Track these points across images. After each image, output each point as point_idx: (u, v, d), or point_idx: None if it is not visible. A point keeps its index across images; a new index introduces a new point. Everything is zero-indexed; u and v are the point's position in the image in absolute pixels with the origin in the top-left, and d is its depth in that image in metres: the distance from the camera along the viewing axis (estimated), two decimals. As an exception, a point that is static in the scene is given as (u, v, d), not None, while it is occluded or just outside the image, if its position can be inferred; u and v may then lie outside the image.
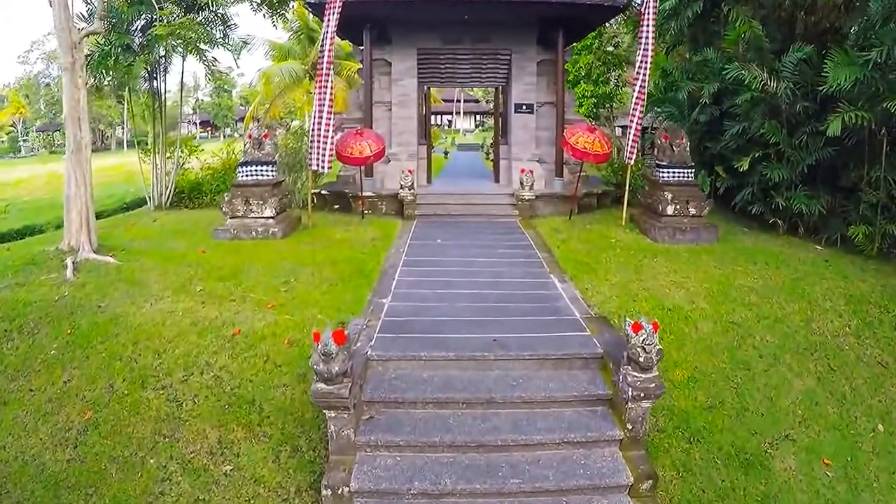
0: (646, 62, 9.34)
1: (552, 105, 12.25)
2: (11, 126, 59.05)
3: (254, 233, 9.01)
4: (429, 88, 14.49)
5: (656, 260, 7.95)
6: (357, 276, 7.16)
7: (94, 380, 5.33)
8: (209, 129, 67.61)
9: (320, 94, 9.21)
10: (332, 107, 9.35)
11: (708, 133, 11.39)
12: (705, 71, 10.94)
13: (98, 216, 13.45)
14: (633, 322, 4.21)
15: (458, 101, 54.75)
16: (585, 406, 4.65)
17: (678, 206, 9.23)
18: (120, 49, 10.68)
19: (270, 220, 9.16)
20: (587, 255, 8.17)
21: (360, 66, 12.29)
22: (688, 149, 9.72)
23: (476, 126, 60.19)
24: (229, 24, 12.60)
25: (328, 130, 9.28)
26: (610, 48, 22.88)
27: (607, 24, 18.57)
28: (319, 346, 3.91)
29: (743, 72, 9.16)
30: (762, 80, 8.96)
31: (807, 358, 6.00)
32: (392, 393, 4.60)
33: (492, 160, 18.89)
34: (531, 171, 11.12)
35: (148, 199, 12.68)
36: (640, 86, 9.42)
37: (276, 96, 22.87)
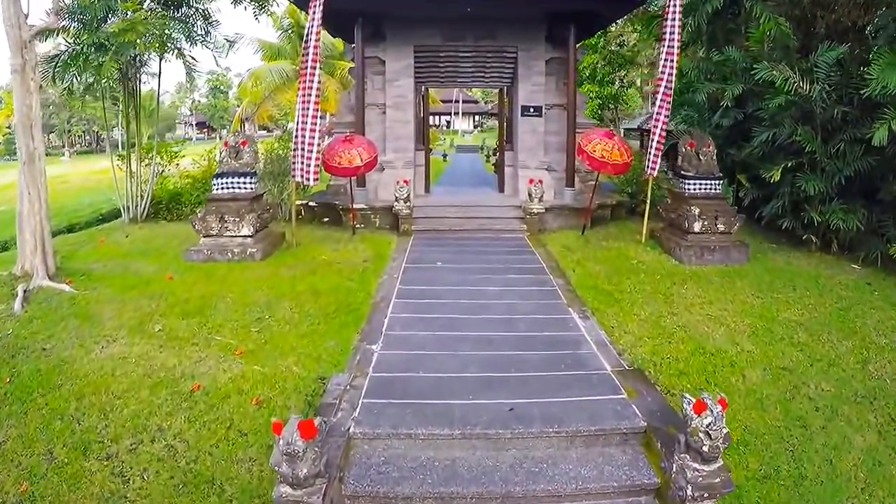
0: (672, 59, 8.33)
1: (562, 108, 11.30)
2: (8, 128, 57.90)
3: (230, 254, 7.98)
4: (427, 89, 13.49)
5: (686, 287, 7.05)
6: (343, 311, 6.19)
7: (32, 443, 4.49)
8: (206, 130, 66.48)
9: (304, 95, 8.15)
10: (317, 110, 8.30)
11: (729, 138, 10.46)
12: (725, 71, 10.03)
13: (70, 229, 12.53)
14: (694, 401, 3.24)
15: (457, 101, 53.76)
16: (626, 497, 3.68)
17: (706, 222, 8.27)
18: (92, 48, 9.70)
19: (248, 240, 8.14)
20: (608, 280, 7.25)
21: (353, 65, 11.29)
22: (714, 157, 8.80)
23: (475, 127, 59.31)
24: (210, 20, 11.61)
25: (314, 137, 8.23)
26: (615, 47, 21.92)
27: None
28: (282, 443, 2.92)
29: (774, 73, 8.23)
30: (794, 82, 8.05)
31: (866, 408, 5.14)
32: (381, 485, 3.58)
33: (493, 163, 17.96)
34: (540, 181, 10.16)
35: (122, 210, 11.65)
36: (666, 87, 8.41)
37: (265, 97, 21.92)
